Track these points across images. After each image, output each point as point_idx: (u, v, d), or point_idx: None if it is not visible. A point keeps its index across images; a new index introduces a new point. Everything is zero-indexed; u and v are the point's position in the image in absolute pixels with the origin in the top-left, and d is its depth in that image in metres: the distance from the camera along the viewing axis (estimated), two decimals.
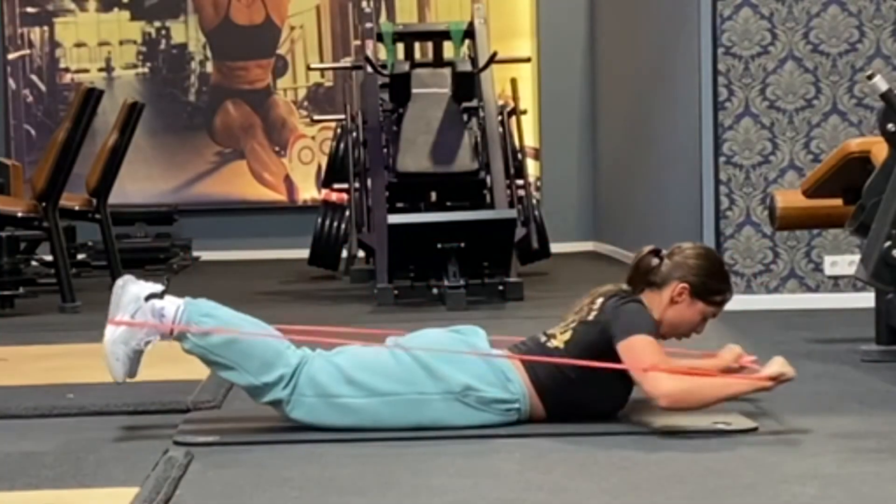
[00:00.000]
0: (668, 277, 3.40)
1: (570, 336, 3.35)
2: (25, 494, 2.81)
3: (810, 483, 2.75)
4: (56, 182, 6.63)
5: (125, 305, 3.30)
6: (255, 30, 10.33)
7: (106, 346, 3.28)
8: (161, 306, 3.29)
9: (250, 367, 3.26)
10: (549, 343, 3.37)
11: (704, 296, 3.40)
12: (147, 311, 3.29)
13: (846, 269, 5.94)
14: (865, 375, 4.11)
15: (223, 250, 9.96)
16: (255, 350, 3.27)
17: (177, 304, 3.31)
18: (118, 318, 3.29)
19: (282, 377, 3.26)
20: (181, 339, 3.28)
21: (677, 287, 3.39)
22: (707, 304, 3.41)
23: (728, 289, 3.45)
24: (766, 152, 6.07)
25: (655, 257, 3.44)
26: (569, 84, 10.27)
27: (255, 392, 3.30)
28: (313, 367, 3.29)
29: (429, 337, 3.39)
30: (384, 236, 6.45)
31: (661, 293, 3.40)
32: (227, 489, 2.81)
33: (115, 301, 3.32)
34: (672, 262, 3.42)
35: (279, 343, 3.32)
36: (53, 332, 5.67)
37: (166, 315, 3.29)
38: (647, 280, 3.42)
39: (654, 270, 3.42)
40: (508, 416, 3.31)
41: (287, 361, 3.28)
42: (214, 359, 3.29)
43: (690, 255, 3.43)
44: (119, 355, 3.27)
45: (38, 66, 10.34)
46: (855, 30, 6.03)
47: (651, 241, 3.67)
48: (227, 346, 3.26)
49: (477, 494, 2.72)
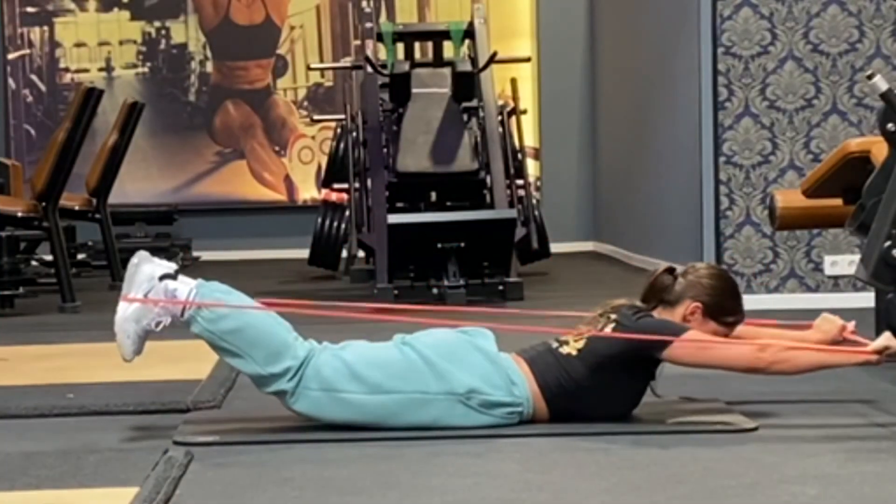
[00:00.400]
0: (681, 296, 3.42)
1: (584, 344, 3.35)
2: (25, 494, 2.81)
3: (810, 483, 2.75)
4: (56, 182, 6.63)
5: (139, 283, 3.29)
6: (255, 30, 10.34)
7: (117, 322, 3.27)
8: (174, 287, 3.28)
9: (258, 356, 3.26)
10: (561, 349, 3.36)
11: (717, 316, 3.42)
12: (160, 291, 3.28)
13: (846, 269, 5.94)
14: (865, 375, 4.11)
15: (223, 250, 9.96)
16: (263, 340, 3.27)
17: (190, 285, 3.29)
18: (131, 296, 3.28)
19: (288, 369, 3.26)
20: (190, 323, 3.27)
21: (690, 306, 3.41)
22: (719, 324, 3.42)
23: (740, 311, 3.48)
24: (766, 152, 6.07)
25: (670, 276, 3.46)
26: (569, 84, 10.27)
27: (260, 381, 3.29)
28: (320, 360, 3.28)
29: (436, 337, 3.38)
30: (384, 236, 6.45)
31: (673, 311, 3.42)
32: (227, 489, 2.81)
33: (129, 278, 3.30)
34: (686, 282, 3.44)
35: (288, 334, 3.31)
36: (53, 332, 5.67)
37: (179, 297, 3.27)
38: (660, 298, 3.44)
39: (669, 289, 3.44)
40: (510, 419, 3.31)
41: (294, 353, 3.27)
42: (222, 344, 3.27)
43: (704, 276, 3.45)
44: (130, 333, 3.26)
45: (38, 66, 10.34)
46: (855, 30, 6.03)
47: (651, 241, 3.68)
48: (236, 333, 3.25)
49: (477, 494, 2.72)
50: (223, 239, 10.09)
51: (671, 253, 7.51)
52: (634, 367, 3.33)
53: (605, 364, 3.31)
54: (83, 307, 6.47)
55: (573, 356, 3.34)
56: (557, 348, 3.37)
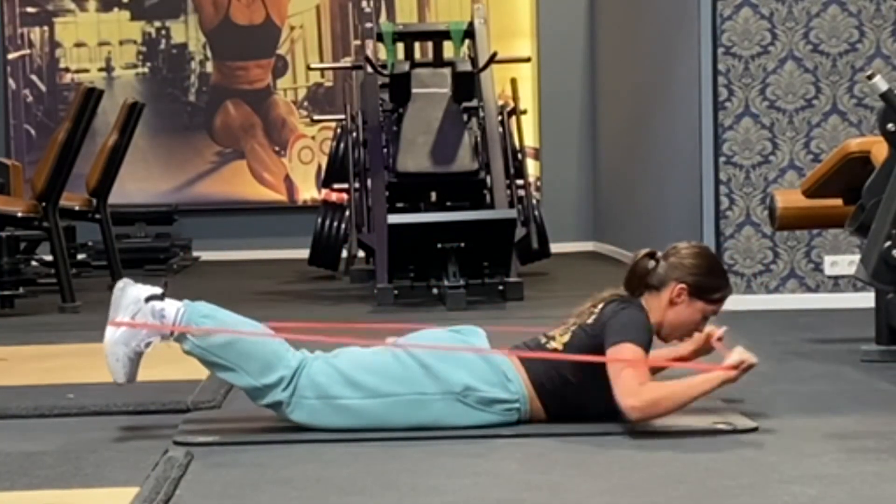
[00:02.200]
0: (665, 279, 3.41)
1: (569, 338, 3.36)
2: (25, 494, 2.81)
3: (810, 483, 2.75)
4: (56, 182, 6.63)
5: (125, 307, 3.31)
6: (255, 30, 10.33)
7: (106, 347, 3.29)
8: (161, 307, 3.30)
9: (250, 368, 3.26)
10: (548, 344, 3.37)
11: (703, 294, 3.40)
12: (147, 312, 3.29)
13: (846, 269, 5.94)
14: (865, 375, 4.11)
15: (223, 250, 9.96)
16: (254, 352, 3.27)
17: (177, 305, 3.31)
18: (118, 320, 3.29)
19: (282, 379, 3.26)
20: (181, 341, 3.29)
21: (675, 288, 3.39)
22: (706, 302, 3.41)
23: (726, 285, 3.45)
24: (766, 152, 6.07)
25: (651, 260, 3.44)
26: (569, 84, 10.27)
27: (254, 394, 3.30)
28: (313, 368, 3.29)
29: (428, 337, 3.39)
30: (384, 236, 6.45)
31: (659, 295, 3.40)
32: (227, 489, 2.81)
33: (115, 303, 3.32)
34: (668, 264, 3.42)
35: (279, 345, 3.32)
36: (53, 332, 5.66)
37: (167, 316, 3.29)
38: (644, 283, 3.43)
39: (651, 273, 3.42)
40: (509, 416, 3.31)
41: (287, 363, 3.28)
42: (214, 360, 3.28)
43: (686, 255, 3.43)
44: (119, 356, 3.27)
45: (38, 66, 10.34)
46: (855, 30, 6.03)
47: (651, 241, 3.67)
48: (227, 347, 3.26)
49: (477, 494, 2.72)
50: (223, 239, 10.09)
51: None
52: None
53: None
54: (83, 307, 6.47)
55: (559, 351, 3.34)
56: (545, 344, 3.38)
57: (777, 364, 4.32)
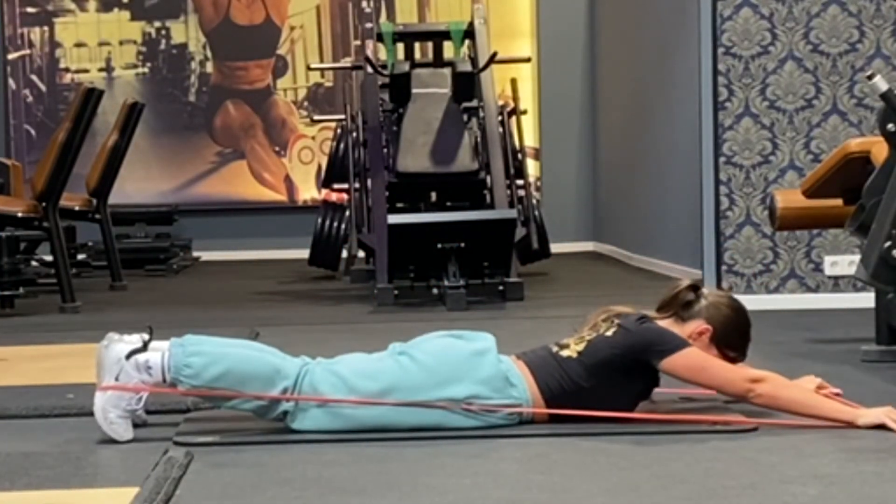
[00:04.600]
0: (696, 315, 3.44)
1: (584, 347, 3.35)
2: (25, 494, 2.81)
3: (810, 483, 2.75)
4: (56, 182, 6.63)
5: (108, 368, 3.26)
6: (255, 30, 10.34)
7: (97, 413, 3.25)
8: (145, 360, 3.25)
9: (253, 389, 3.25)
10: (561, 353, 3.37)
11: (723, 345, 3.43)
12: (130, 369, 3.26)
13: (846, 269, 5.94)
14: (865, 375, 4.11)
15: (223, 250, 9.96)
16: (251, 372, 3.25)
17: (161, 351, 3.27)
18: (105, 384, 3.27)
19: (285, 390, 3.26)
20: (177, 385, 3.27)
21: (701, 326, 3.42)
22: (721, 354, 3.43)
23: (744, 351, 3.50)
24: (766, 152, 6.07)
25: (693, 293, 3.46)
26: (569, 84, 10.28)
27: (262, 412, 3.28)
28: (315, 377, 3.28)
29: (433, 344, 3.38)
30: (384, 236, 6.45)
31: (683, 326, 3.42)
32: (227, 489, 2.81)
33: (99, 365, 3.27)
34: (707, 303, 3.46)
35: (273, 357, 3.31)
36: (53, 332, 5.66)
37: (153, 367, 3.25)
38: (677, 311, 3.45)
39: (689, 305, 3.45)
40: (511, 419, 3.31)
41: (286, 374, 3.27)
42: (214, 394, 3.27)
43: (725, 304, 3.48)
44: (112, 419, 3.25)
45: (38, 66, 10.34)
46: (855, 30, 6.03)
47: (651, 241, 3.68)
48: (225, 377, 3.24)
49: (477, 494, 2.72)
50: (223, 239, 10.10)
51: (671, 253, 7.51)
52: (633, 371, 3.33)
53: (605, 366, 3.31)
54: (83, 307, 6.47)
55: (573, 358, 3.34)
56: (558, 352, 3.38)
57: (777, 364, 4.31)
